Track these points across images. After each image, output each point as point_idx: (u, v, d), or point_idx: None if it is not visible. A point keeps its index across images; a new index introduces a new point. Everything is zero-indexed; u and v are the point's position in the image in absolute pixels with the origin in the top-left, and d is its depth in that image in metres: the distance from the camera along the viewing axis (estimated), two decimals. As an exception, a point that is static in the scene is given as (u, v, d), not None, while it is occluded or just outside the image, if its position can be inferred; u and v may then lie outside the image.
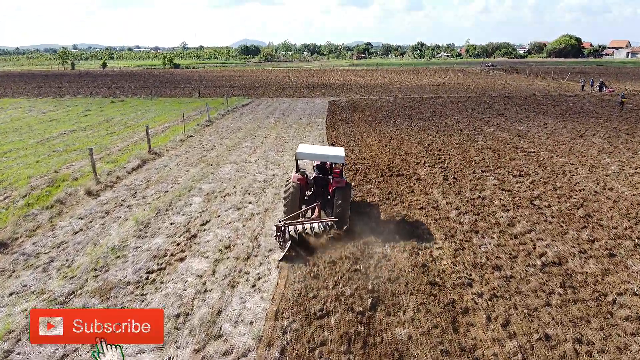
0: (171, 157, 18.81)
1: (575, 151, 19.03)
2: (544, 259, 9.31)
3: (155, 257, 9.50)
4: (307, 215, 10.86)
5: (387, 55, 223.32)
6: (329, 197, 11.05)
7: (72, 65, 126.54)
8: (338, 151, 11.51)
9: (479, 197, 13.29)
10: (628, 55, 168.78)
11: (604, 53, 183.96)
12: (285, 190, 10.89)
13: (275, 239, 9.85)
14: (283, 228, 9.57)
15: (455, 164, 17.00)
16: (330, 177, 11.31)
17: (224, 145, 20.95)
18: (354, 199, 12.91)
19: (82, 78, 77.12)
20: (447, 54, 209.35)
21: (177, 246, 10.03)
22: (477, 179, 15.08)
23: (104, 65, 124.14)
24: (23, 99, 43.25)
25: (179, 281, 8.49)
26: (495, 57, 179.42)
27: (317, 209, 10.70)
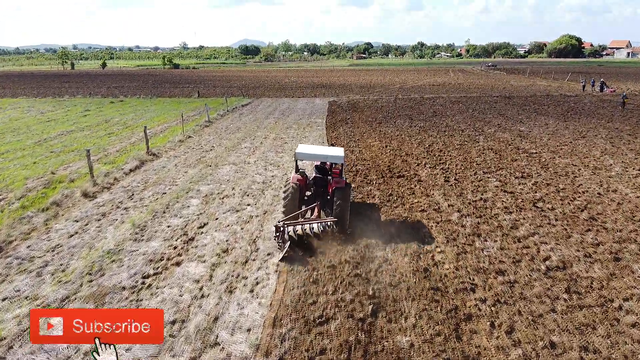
0: (169, 158, 18.63)
1: (577, 152, 18.84)
2: (548, 263, 9.12)
3: (151, 261, 9.32)
4: (307, 215, 10.78)
5: (387, 55, 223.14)
6: (328, 197, 10.96)
7: (72, 65, 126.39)
8: (337, 151, 11.45)
9: (480, 199, 13.10)
10: (628, 55, 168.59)
11: (604, 53, 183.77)
12: (284, 191, 10.82)
13: (275, 239, 9.76)
14: (282, 228, 9.49)
15: (456, 165, 16.81)
16: (329, 177, 11.24)
17: (223, 146, 20.77)
18: (354, 201, 12.75)
19: (81, 78, 76.95)
20: (447, 54, 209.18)
21: (174, 250, 9.84)
22: (479, 181, 14.89)
23: (104, 65, 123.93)
24: (22, 99, 43.08)
25: (175, 286, 8.30)
26: (495, 57, 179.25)
27: (316, 209, 10.63)
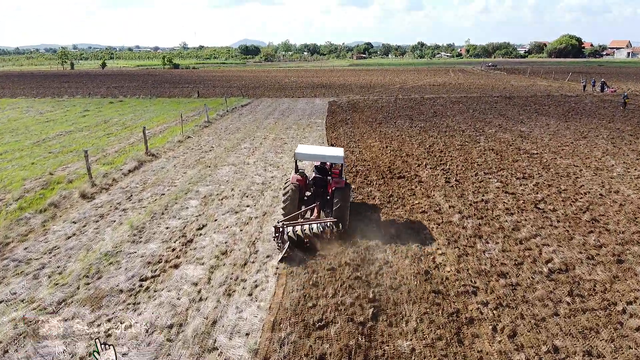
0: (168, 158, 18.52)
1: (578, 153, 18.74)
2: (550, 266, 9.02)
3: (149, 263, 9.21)
4: (307, 216, 10.76)
5: (387, 55, 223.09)
6: (328, 197, 10.94)
7: (72, 65, 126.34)
8: (337, 151, 11.44)
9: (482, 200, 12.99)
10: (629, 55, 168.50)
11: (604, 53, 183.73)
12: (284, 192, 10.78)
13: (274, 240, 9.72)
14: (281, 229, 9.45)
15: (457, 166, 16.70)
16: (329, 177, 11.21)
17: (222, 147, 20.67)
18: (355, 202, 12.66)
19: (81, 78, 76.84)
20: (448, 54, 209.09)
21: (172, 252, 9.74)
22: (480, 182, 14.78)
23: (103, 65, 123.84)
24: (21, 99, 42.98)
25: (173, 289, 8.20)
26: (495, 57, 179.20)
27: (316, 210, 10.62)
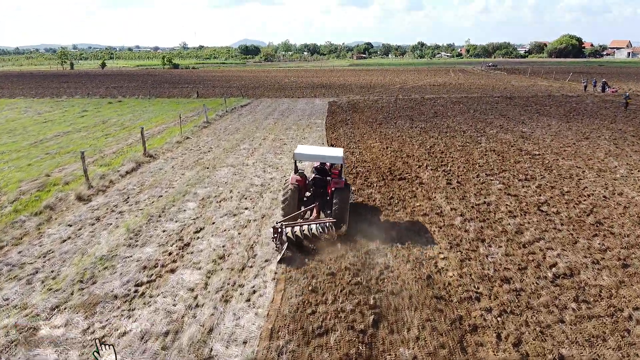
0: (167, 159, 18.33)
1: (581, 154, 18.53)
2: (554, 270, 8.82)
3: (145, 268, 9.01)
4: (306, 216, 10.69)
5: (388, 55, 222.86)
6: (327, 198, 10.89)
7: (71, 65, 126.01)
8: (336, 152, 11.41)
9: (484, 202, 12.80)
10: (629, 55, 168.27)
11: (604, 53, 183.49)
12: (284, 193, 10.73)
13: (273, 240, 9.63)
14: (280, 229, 9.34)
15: (458, 167, 16.50)
16: (329, 178, 11.15)
17: (221, 148, 20.47)
18: (355, 204, 12.48)
19: (80, 78, 76.62)
20: (448, 54, 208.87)
21: (168, 256, 9.54)
22: (482, 183, 14.59)
23: (103, 65, 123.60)
24: (20, 100, 42.77)
25: (169, 295, 8.00)
26: (495, 57, 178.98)
27: (315, 210, 10.55)
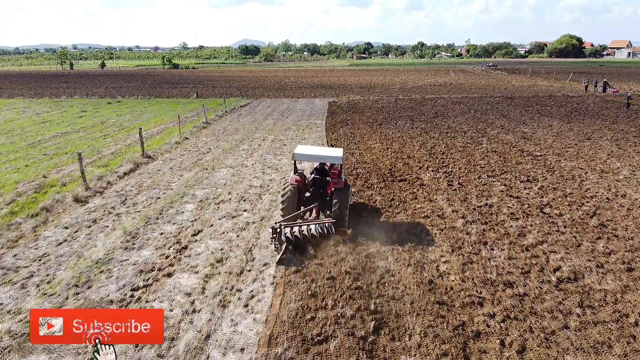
0: (165, 160, 18.17)
1: (583, 155, 18.38)
2: (558, 274, 8.66)
3: (141, 272, 8.86)
4: (306, 216, 10.60)
5: (388, 55, 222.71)
6: (327, 198, 10.81)
7: (71, 65, 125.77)
8: (336, 152, 11.33)
9: (485, 204, 12.64)
10: (629, 55, 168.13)
11: (605, 53, 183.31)
12: (283, 193, 10.67)
13: (271, 241, 9.53)
14: (279, 230, 9.24)
15: (459, 169, 16.34)
16: (328, 178, 11.07)
17: (220, 148, 20.32)
18: (355, 206, 12.33)
19: (80, 78, 76.47)
20: (448, 54, 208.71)
21: (165, 259, 9.38)
22: (483, 185, 14.43)
23: (103, 65, 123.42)
24: (18, 100, 42.61)
25: (166, 300, 7.85)
26: (495, 57, 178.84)
27: (315, 211, 10.47)
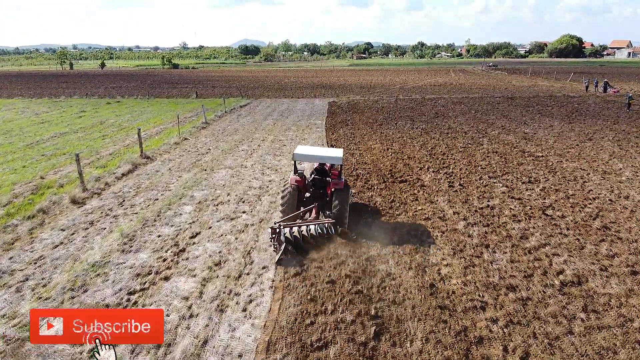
0: (164, 161, 18.04)
1: (585, 155, 18.24)
2: (562, 278, 8.53)
3: (138, 275, 8.72)
4: (305, 217, 10.55)
5: (388, 55, 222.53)
6: (327, 198, 10.77)
7: (71, 65, 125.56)
8: (336, 152, 11.29)
9: (487, 206, 12.50)
10: (629, 55, 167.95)
11: (605, 53, 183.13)
12: (282, 195, 10.62)
13: (271, 241, 9.47)
14: (278, 230, 9.17)
15: (460, 170, 16.21)
16: (328, 178, 11.03)
17: (220, 149, 20.18)
18: (355, 207, 12.19)
19: (79, 78, 76.32)
20: (448, 54, 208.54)
21: (163, 262, 9.25)
22: (485, 186, 14.30)
23: (102, 65, 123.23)
24: (18, 100, 42.45)
25: (163, 304, 7.71)
26: (496, 57, 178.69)
27: (314, 211, 10.42)
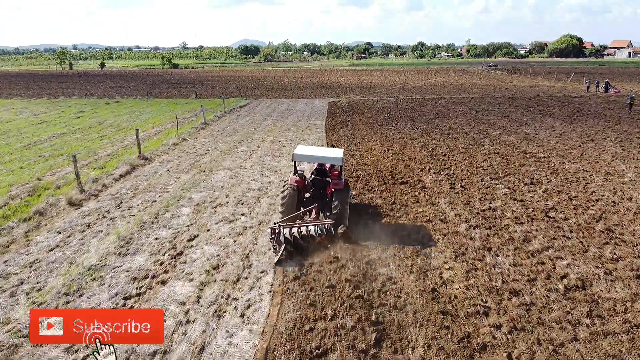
0: (162, 162, 17.89)
1: (587, 156, 18.08)
2: (566, 282, 8.38)
3: (135, 279, 8.58)
4: (305, 217, 10.46)
5: (388, 55, 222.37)
6: (327, 199, 10.70)
7: (70, 65, 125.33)
8: (336, 152, 11.20)
9: (489, 208, 12.35)
10: (630, 55, 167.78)
11: (605, 53, 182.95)
12: (282, 195, 10.55)
13: (270, 241, 9.39)
14: (278, 230, 9.08)
15: (461, 171, 16.06)
16: (328, 179, 10.95)
17: (219, 150, 20.03)
18: (356, 207, 12.07)
19: (79, 78, 76.15)
20: (448, 54, 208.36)
21: (160, 266, 9.10)
22: (486, 188, 14.15)
23: (102, 65, 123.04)
24: (16, 100, 42.29)
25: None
26: (496, 57, 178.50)
27: (314, 211, 10.33)
